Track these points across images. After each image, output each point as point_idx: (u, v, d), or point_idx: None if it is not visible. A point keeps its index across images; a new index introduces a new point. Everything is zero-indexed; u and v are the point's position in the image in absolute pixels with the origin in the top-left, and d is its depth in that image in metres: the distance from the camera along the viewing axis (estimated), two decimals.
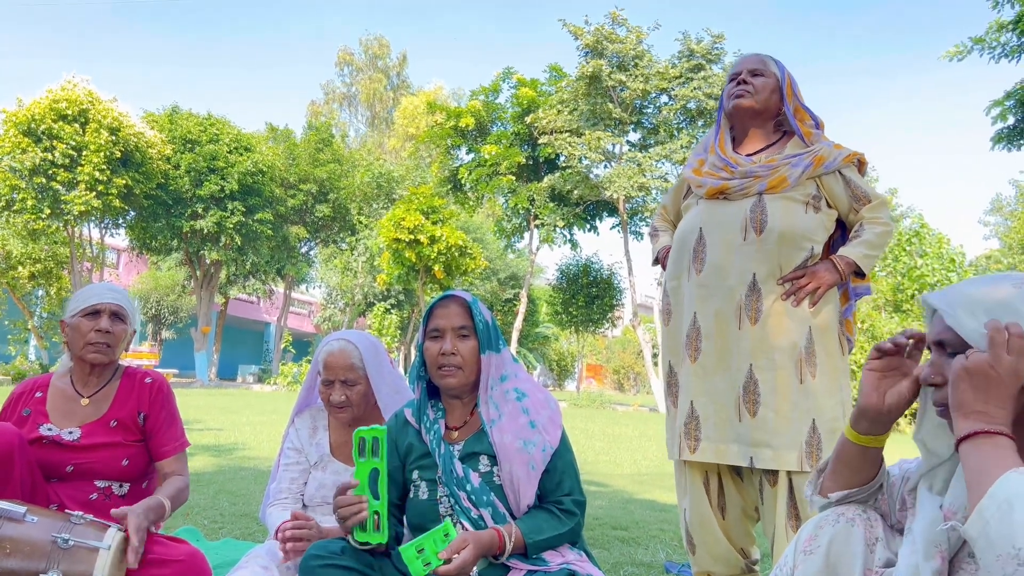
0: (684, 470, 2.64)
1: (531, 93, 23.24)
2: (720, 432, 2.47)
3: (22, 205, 18.62)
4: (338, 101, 46.08)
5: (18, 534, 2.08)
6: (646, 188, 20.98)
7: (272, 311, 34.60)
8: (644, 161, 21.11)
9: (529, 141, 23.79)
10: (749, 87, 2.60)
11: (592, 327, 25.98)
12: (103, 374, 2.59)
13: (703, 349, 2.54)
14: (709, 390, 2.52)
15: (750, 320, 2.45)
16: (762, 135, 2.65)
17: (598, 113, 21.73)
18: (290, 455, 2.65)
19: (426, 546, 1.84)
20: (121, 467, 2.51)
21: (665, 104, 22.05)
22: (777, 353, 2.42)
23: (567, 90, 22.10)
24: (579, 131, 21.70)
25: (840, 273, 2.47)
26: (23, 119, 18.67)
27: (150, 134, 21.23)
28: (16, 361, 19.77)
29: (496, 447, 2.05)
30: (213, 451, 6.95)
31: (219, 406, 13.63)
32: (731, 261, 2.50)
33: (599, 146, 21.19)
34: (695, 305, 2.57)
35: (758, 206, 2.49)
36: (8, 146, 18.42)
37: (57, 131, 18.83)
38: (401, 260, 21.30)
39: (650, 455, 8.88)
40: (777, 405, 2.39)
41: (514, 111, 24.02)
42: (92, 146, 19.03)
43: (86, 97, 19.52)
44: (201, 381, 24.11)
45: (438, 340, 2.12)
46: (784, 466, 2.36)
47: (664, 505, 5.21)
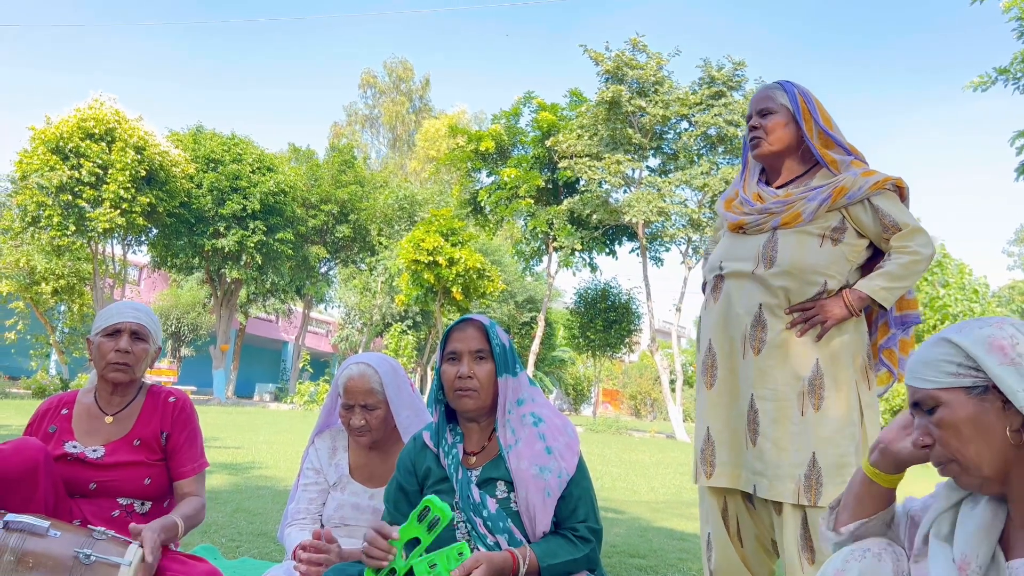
0: (705, 496, 2.65)
1: (551, 117, 23.36)
2: (733, 457, 2.49)
3: (48, 222, 18.86)
4: (360, 123, 46.50)
5: (41, 548, 2.10)
6: (665, 213, 20.96)
7: (290, 330, 34.76)
8: (663, 186, 21.12)
9: (549, 165, 23.88)
10: (760, 132, 2.60)
11: (609, 352, 25.87)
12: (126, 393, 2.62)
13: (718, 376, 2.57)
14: (723, 416, 2.54)
15: (753, 350, 2.46)
16: (791, 167, 2.64)
17: (618, 138, 21.80)
18: (309, 475, 2.66)
19: (439, 562, 1.85)
20: (143, 486, 2.53)
21: (685, 130, 22.08)
22: (780, 383, 2.42)
23: (587, 115, 22.18)
24: (599, 155, 21.76)
25: (849, 307, 2.43)
26: (51, 137, 18.96)
27: (174, 153, 21.48)
28: (37, 375, 19.95)
29: (512, 473, 2.06)
30: (231, 469, 6.98)
31: (237, 424, 13.68)
32: (740, 292, 2.52)
33: (618, 170, 21.23)
34: (711, 332, 2.61)
35: (771, 241, 2.50)
36: (36, 163, 18.68)
37: (84, 149, 19.09)
38: (420, 281, 21.36)
39: (667, 482, 8.81)
40: (775, 436, 2.39)
41: (534, 135, 24.14)
42: (118, 164, 19.27)
43: (113, 116, 19.79)
44: (219, 399, 24.21)
45: (455, 363, 2.13)
46: (779, 497, 2.35)
47: (682, 534, 5.16)
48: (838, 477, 2.35)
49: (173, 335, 31.63)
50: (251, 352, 34.74)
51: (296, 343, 30.46)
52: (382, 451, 2.64)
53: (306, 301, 29.04)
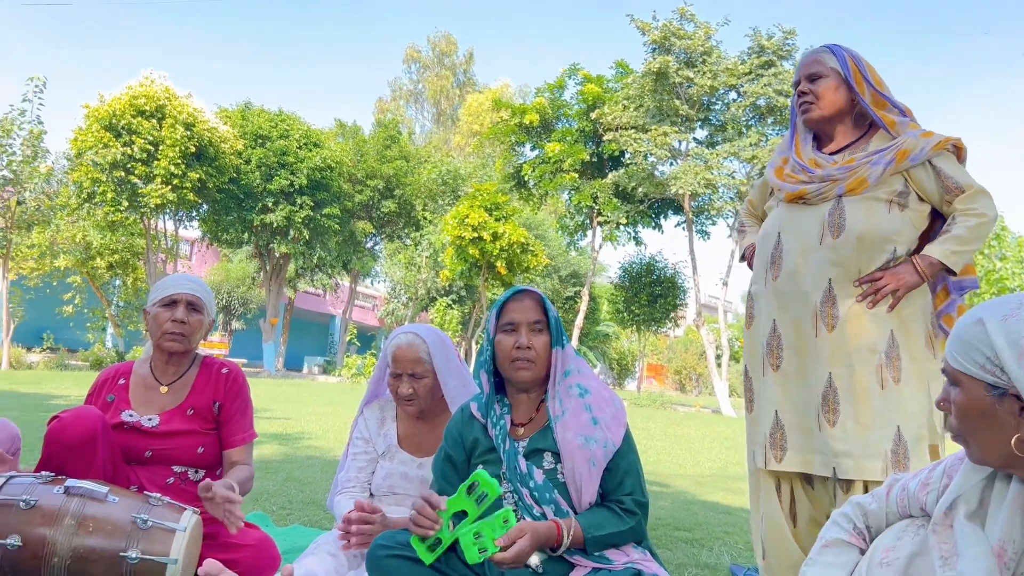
0: (758, 476, 2.59)
1: (597, 89, 23.10)
2: (805, 442, 2.41)
3: (102, 198, 19.30)
4: (405, 98, 46.55)
5: (101, 513, 2.17)
6: (712, 185, 20.65)
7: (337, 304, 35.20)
8: (711, 158, 20.78)
9: (594, 138, 23.65)
10: (810, 97, 2.52)
11: (654, 326, 25.70)
12: (181, 363, 2.68)
13: (784, 357, 2.47)
14: (792, 398, 2.45)
15: (827, 327, 2.38)
16: (844, 132, 2.54)
17: (664, 110, 21.48)
18: (358, 445, 2.70)
19: (484, 531, 1.86)
20: (196, 454, 2.59)
21: (734, 101, 21.66)
22: (855, 359, 2.34)
23: (633, 86, 21.88)
24: (645, 127, 21.48)
25: (921, 274, 2.35)
26: (104, 115, 19.35)
27: (223, 129, 21.76)
28: (94, 348, 20.54)
29: (559, 444, 2.06)
30: (281, 439, 7.11)
31: (286, 396, 13.93)
32: (807, 266, 2.43)
33: (665, 142, 20.94)
34: (774, 312, 2.51)
35: (837, 209, 2.41)
36: (91, 141, 19.10)
37: (136, 126, 19.45)
38: (464, 256, 21.42)
39: (713, 456, 8.76)
40: (857, 413, 2.32)
41: (579, 108, 23.91)
42: (168, 141, 19.61)
43: (163, 93, 20.10)
44: (268, 371, 24.67)
45: (512, 334, 2.13)
46: (867, 476, 2.28)
47: (728, 508, 5.13)
48: (919, 450, 2.29)
49: (224, 309, 32.25)
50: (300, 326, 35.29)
51: (343, 317, 30.86)
52: (430, 421, 2.66)
53: (353, 276, 29.34)
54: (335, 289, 31.94)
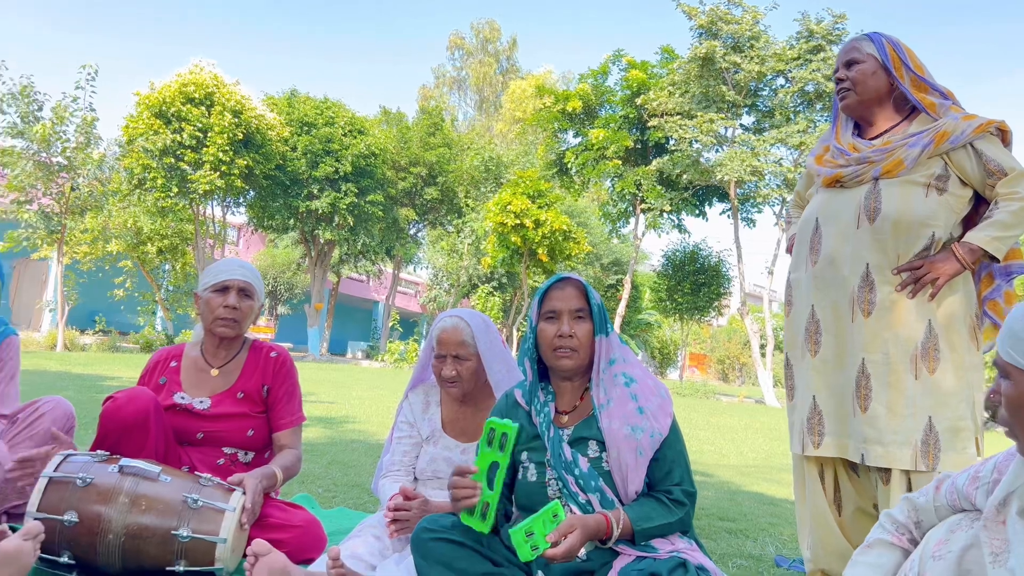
0: (802, 464, 2.57)
1: (641, 75, 22.85)
2: (840, 427, 2.40)
3: (153, 184, 19.67)
4: (448, 85, 46.61)
5: (153, 492, 2.22)
6: (759, 172, 20.33)
7: (381, 290, 35.49)
8: (758, 145, 20.44)
9: (638, 124, 23.43)
10: (847, 83, 2.50)
11: (697, 315, 25.45)
12: (231, 347, 2.72)
13: (822, 342, 2.46)
14: (830, 384, 2.43)
15: (863, 312, 2.35)
16: (884, 117, 2.51)
17: (710, 96, 21.18)
18: (403, 428, 2.72)
19: (535, 529, 1.86)
20: (246, 437, 2.63)
21: (781, 87, 21.27)
22: (891, 347, 2.31)
23: (679, 72, 21.60)
24: (690, 113, 21.21)
25: (962, 261, 2.30)
26: (155, 102, 19.71)
27: (270, 117, 22.02)
28: (144, 331, 21.00)
29: (604, 432, 2.05)
30: (326, 423, 7.21)
31: (331, 380, 14.11)
32: (844, 251, 2.40)
33: (711, 129, 20.65)
34: (812, 297, 2.49)
35: (873, 192, 2.37)
36: (142, 128, 19.48)
37: (185, 113, 19.77)
38: (506, 243, 21.42)
39: (757, 447, 8.67)
40: (889, 401, 2.29)
41: (623, 94, 23.68)
42: (216, 128, 19.90)
43: (212, 81, 20.40)
44: (313, 356, 24.99)
45: (554, 322, 2.12)
46: (895, 464, 2.26)
47: (772, 498, 5.08)
48: (956, 442, 2.25)
49: (270, 294, 32.74)
50: (344, 311, 35.68)
51: (386, 303, 31.11)
52: (474, 406, 2.67)
53: (396, 262, 29.55)
54: (378, 275, 32.16)
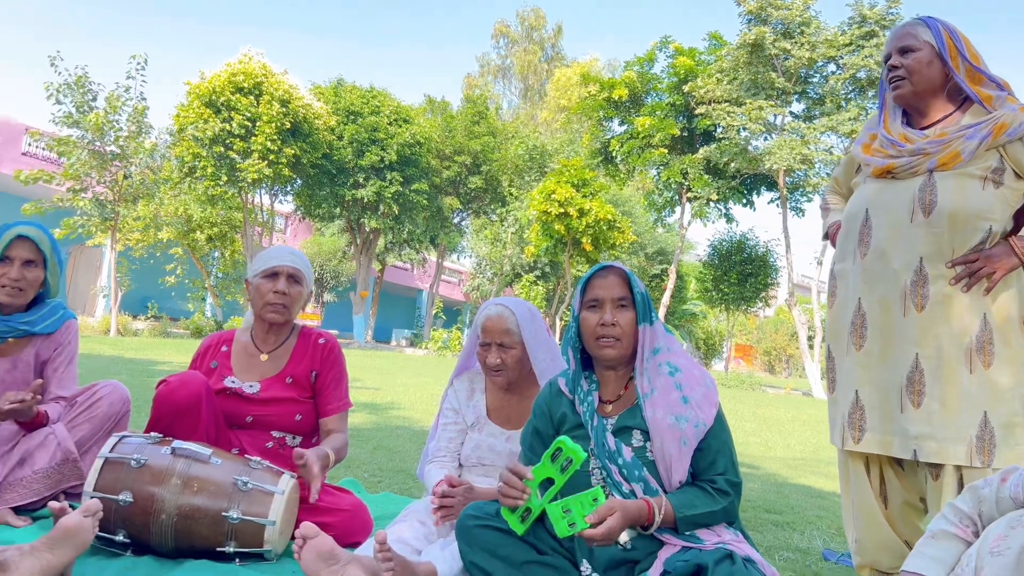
0: (847, 458, 2.53)
1: (689, 62, 22.56)
2: (885, 423, 2.35)
3: (203, 172, 20.02)
4: (493, 73, 46.56)
5: (205, 474, 2.27)
6: (809, 161, 19.95)
7: (425, 279, 35.72)
8: (808, 132, 20.06)
9: (685, 112, 23.15)
10: (901, 71, 2.41)
11: (744, 306, 25.13)
12: (281, 332, 2.76)
13: (868, 336, 2.40)
14: (874, 379, 2.38)
15: (916, 307, 2.29)
16: (936, 108, 2.43)
17: (759, 83, 20.82)
18: (448, 415, 2.74)
19: (573, 507, 1.86)
20: (294, 421, 2.68)
21: (833, 73, 20.82)
22: (945, 341, 2.26)
23: (727, 59, 21.27)
24: (739, 101, 20.88)
25: (1020, 256, 2.25)
26: (205, 91, 20.03)
27: (317, 106, 22.23)
28: (194, 317, 21.44)
29: (648, 422, 2.04)
30: (371, 409, 7.29)
31: (375, 367, 14.26)
32: (896, 244, 2.34)
33: (760, 116, 20.31)
34: (860, 291, 2.43)
35: (928, 185, 2.31)
36: (192, 116, 19.82)
37: (234, 103, 20.06)
38: (550, 232, 21.37)
39: (804, 440, 8.55)
40: (943, 396, 2.24)
41: (670, 81, 23.41)
42: (265, 117, 20.16)
43: (260, 70, 20.64)
44: (358, 343, 25.28)
45: (596, 310, 2.11)
46: (950, 460, 2.22)
47: (820, 491, 5.01)
48: (1010, 438, 2.20)
49: (316, 281, 33.17)
50: (388, 299, 35.99)
51: (430, 291, 31.32)
52: (519, 394, 2.67)
53: (440, 251, 29.70)
54: (422, 264, 32.39)
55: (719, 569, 1.78)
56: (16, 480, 2.55)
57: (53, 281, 2.77)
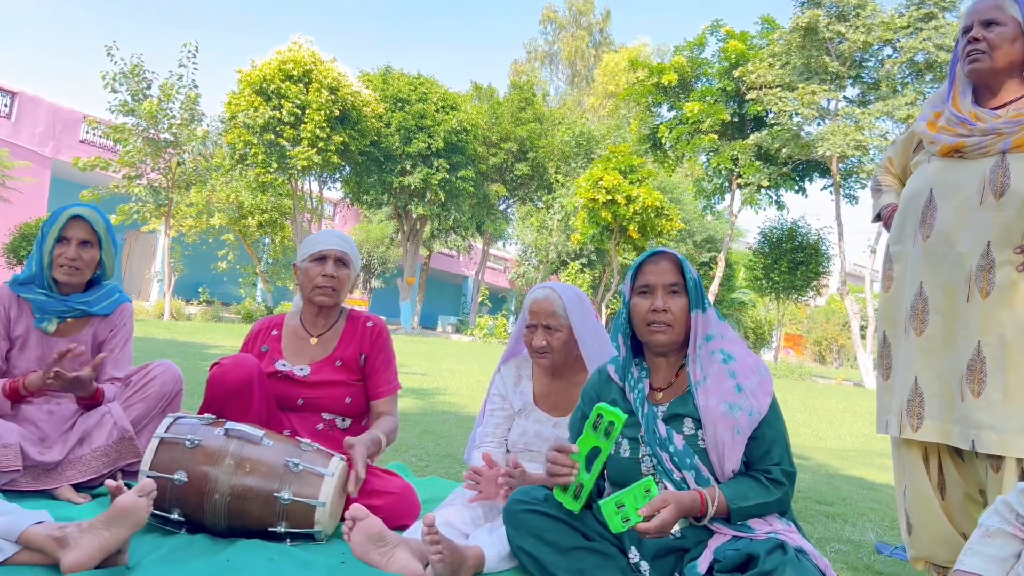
0: (902, 447, 2.45)
1: (740, 46, 22.15)
2: (945, 411, 2.27)
3: (253, 159, 20.32)
4: (540, 59, 46.32)
5: (257, 455, 2.30)
6: (863, 147, 19.47)
7: (470, 266, 35.84)
8: (862, 118, 19.57)
9: (735, 97, 22.77)
10: (982, 45, 2.29)
11: (794, 295, 24.72)
12: (330, 316, 2.78)
13: (930, 322, 2.31)
14: (935, 365, 2.30)
15: (980, 292, 2.21)
16: (1010, 88, 2.32)
17: (813, 67, 20.37)
18: (495, 401, 2.74)
19: (626, 502, 1.84)
20: (344, 404, 2.70)
21: (889, 57, 20.28)
22: (1010, 329, 2.17)
23: (779, 43, 20.83)
24: (791, 86, 20.46)
25: None
26: (255, 79, 20.30)
27: (365, 93, 22.37)
28: (245, 302, 21.83)
29: (700, 410, 2.01)
30: (418, 394, 7.34)
31: (422, 352, 14.37)
32: (963, 227, 2.25)
33: (813, 101, 19.88)
34: (921, 274, 2.34)
35: (1000, 166, 2.21)
36: (243, 104, 20.11)
37: (284, 90, 20.30)
38: (596, 219, 21.23)
39: (855, 431, 8.39)
40: (1006, 386, 2.15)
41: (720, 66, 23.03)
42: (314, 105, 20.35)
43: (310, 58, 20.84)
44: (405, 328, 25.49)
45: (647, 296, 2.08)
46: (1010, 452, 2.13)
47: (872, 483, 4.91)
48: None
49: (364, 267, 33.50)
50: (434, 285, 36.21)
51: (476, 278, 31.41)
52: (566, 380, 2.66)
53: (485, 238, 29.74)
54: (468, 251, 32.48)
55: (770, 559, 1.75)
56: (76, 458, 2.61)
57: (108, 261, 2.82)
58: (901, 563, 2.86)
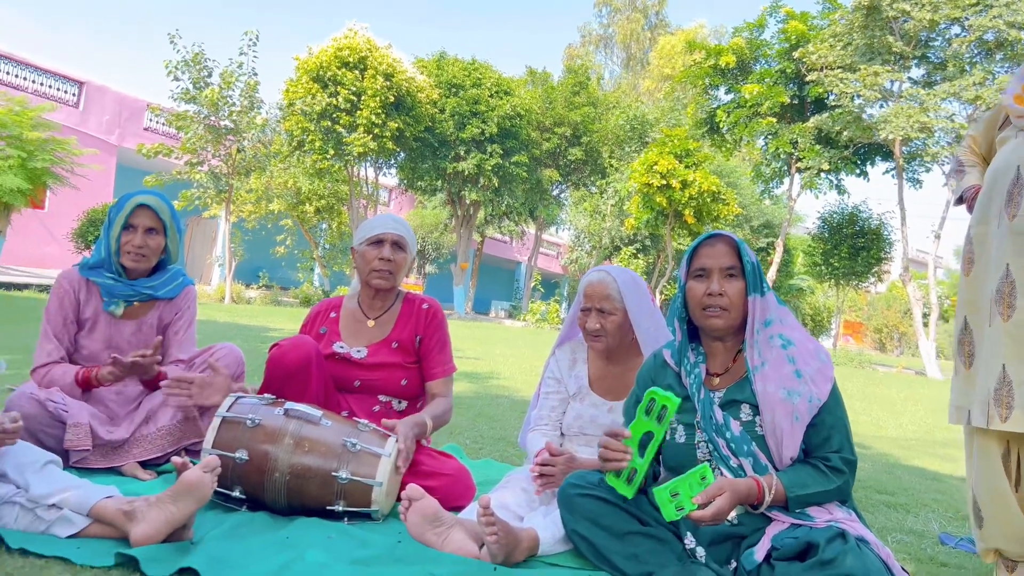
0: (977, 437, 2.36)
1: (801, 27, 21.61)
2: None
3: (311, 146, 20.58)
4: (594, 43, 45.88)
5: (315, 435, 2.34)
6: (928, 129, 18.84)
7: (523, 251, 35.84)
8: (927, 99, 18.93)
9: (795, 79, 22.24)
10: None
11: (854, 281, 24.15)
12: (386, 298, 2.81)
13: (1018, 307, 2.19)
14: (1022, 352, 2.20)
15: None
16: None
17: (876, 47, 19.76)
18: (550, 384, 2.74)
19: (681, 489, 1.81)
20: (400, 386, 2.73)
21: (956, 36, 19.56)
22: None
23: (841, 23, 20.25)
24: (853, 67, 19.88)
25: None
26: (312, 66, 20.53)
27: (420, 79, 22.46)
28: (303, 287, 22.20)
29: (758, 396, 1.97)
30: (471, 378, 7.39)
31: (475, 337, 14.45)
32: None
33: (875, 83, 19.28)
34: (1008, 256, 2.22)
35: None
36: (300, 91, 20.37)
37: (340, 77, 20.48)
38: (651, 204, 21.01)
39: (918, 420, 8.18)
40: None
41: (780, 47, 22.51)
42: (369, 91, 20.50)
43: (365, 45, 20.98)
44: (458, 313, 25.63)
45: (703, 280, 2.05)
46: None
47: (936, 473, 4.78)
48: None
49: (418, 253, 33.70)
50: (487, 271, 36.32)
51: (529, 264, 31.40)
52: (621, 364, 2.64)
53: (538, 223, 29.68)
54: (521, 236, 32.47)
55: (830, 547, 1.72)
56: (142, 436, 2.70)
57: (173, 247, 2.89)
58: (966, 555, 2.78)
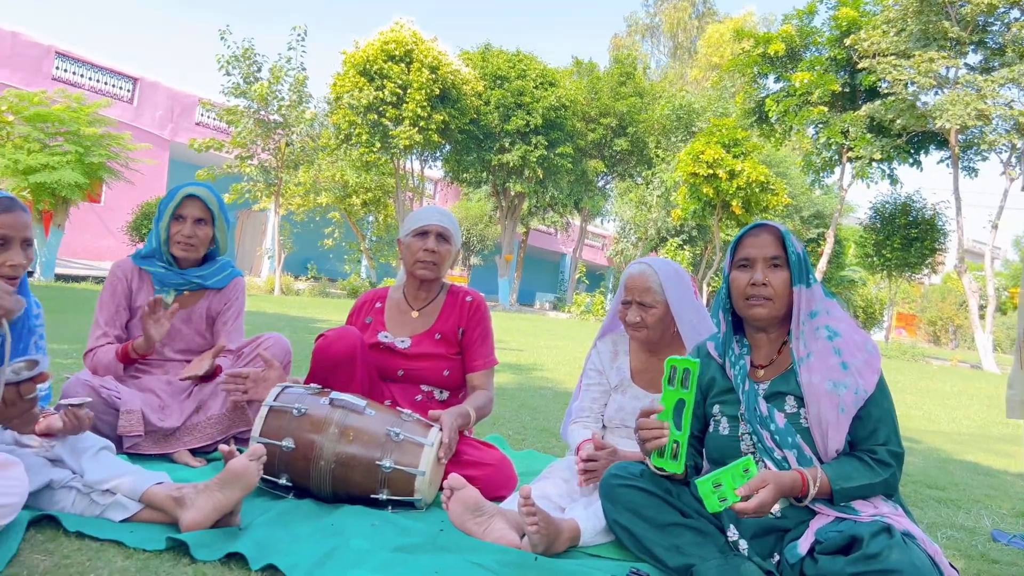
0: None
1: (852, 13, 21.11)
2: None
3: (358, 139, 20.76)
4: (641, 33, 45.48)
5: (360, 424, 2.38)
6: (985, 117, 18.28)
7: (568, 243, 35.73)
8: (985, 86, 18.36)
9: (847, 67, 21.74)
10: None
11: (908, 272, 23.59)
12: (431, 289, 2.84)
13: None
14: None
15: None
16: None
17: (931, 33, 19.23)
18: (592, 376, 2.74)
19: (724, 481, 1.79)
20: (443, 376, 2.75)
21: (1016, 20, 18.94)
22: None
23: (895, 8, 19.74)
24: (907, 53, 19.37)
25: None
26: (359, 60, 20.70)
27: (465, 71, 22.50)
28: (351, 278, 22.46)
29: (803, 387, 1.95)
30: (515, 369, 7.41)
31: (519, 329, 14.47)
32: None
33: (930, 69, 18.76)
34: None
35: None
36: (347, 85, 20.56)
37: (386, 71, 20.61)
38: (698, 195, 20.79)
39: (972, 414, 7.98)
40: None
41: (831, 34, 22.03)
42: (415, 84, 20.59)
43: (411, 38, 21.08)
44: (503, 305, 25.69)
45: (747, 270, 2.03)
46: None
47: (989, 469, 4.67)
48: None
49: (463, 245, 33.89)
50: (532, 263, 36.31)
51: (573, 256, 31.30)
52: (663, 357, 2.62)
53: (583, 215, 29.57)
54: (566, 228, 32.38)
55: (875, 542, 1.69)
56: (192, 425, 2.77)
57: (221, 238, 2.96)
58: (1019, 552, 2.72)
